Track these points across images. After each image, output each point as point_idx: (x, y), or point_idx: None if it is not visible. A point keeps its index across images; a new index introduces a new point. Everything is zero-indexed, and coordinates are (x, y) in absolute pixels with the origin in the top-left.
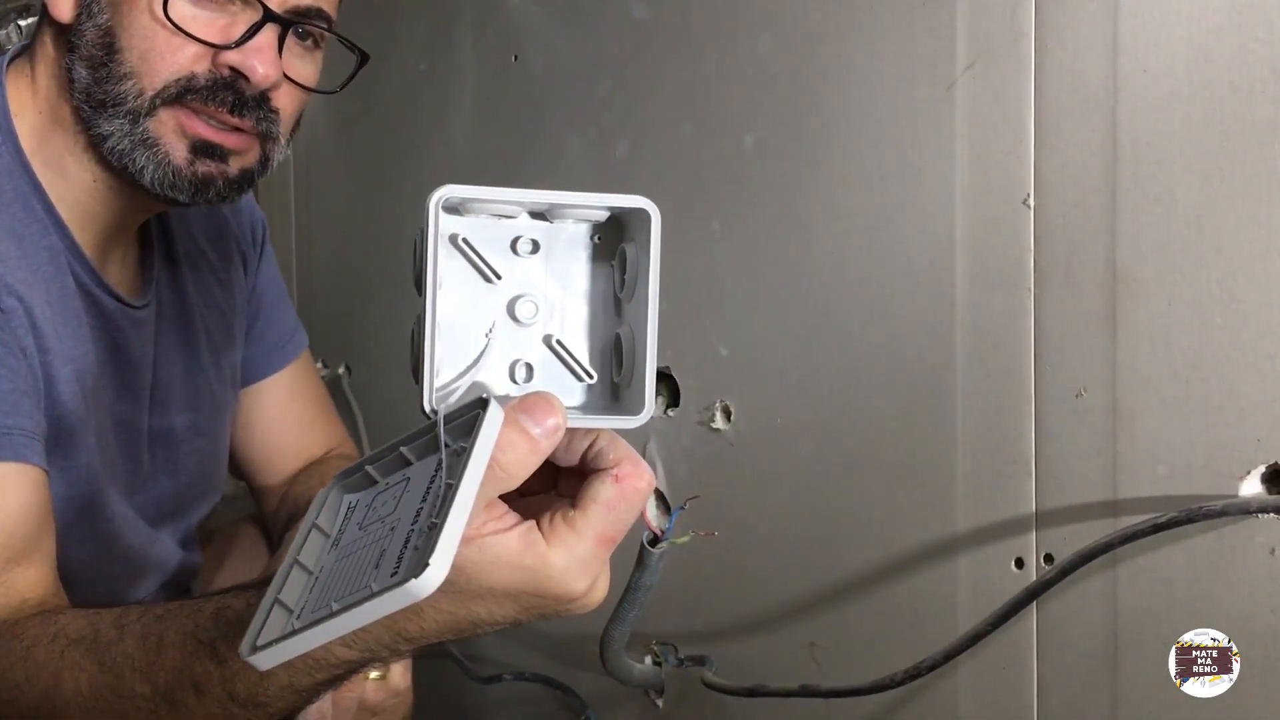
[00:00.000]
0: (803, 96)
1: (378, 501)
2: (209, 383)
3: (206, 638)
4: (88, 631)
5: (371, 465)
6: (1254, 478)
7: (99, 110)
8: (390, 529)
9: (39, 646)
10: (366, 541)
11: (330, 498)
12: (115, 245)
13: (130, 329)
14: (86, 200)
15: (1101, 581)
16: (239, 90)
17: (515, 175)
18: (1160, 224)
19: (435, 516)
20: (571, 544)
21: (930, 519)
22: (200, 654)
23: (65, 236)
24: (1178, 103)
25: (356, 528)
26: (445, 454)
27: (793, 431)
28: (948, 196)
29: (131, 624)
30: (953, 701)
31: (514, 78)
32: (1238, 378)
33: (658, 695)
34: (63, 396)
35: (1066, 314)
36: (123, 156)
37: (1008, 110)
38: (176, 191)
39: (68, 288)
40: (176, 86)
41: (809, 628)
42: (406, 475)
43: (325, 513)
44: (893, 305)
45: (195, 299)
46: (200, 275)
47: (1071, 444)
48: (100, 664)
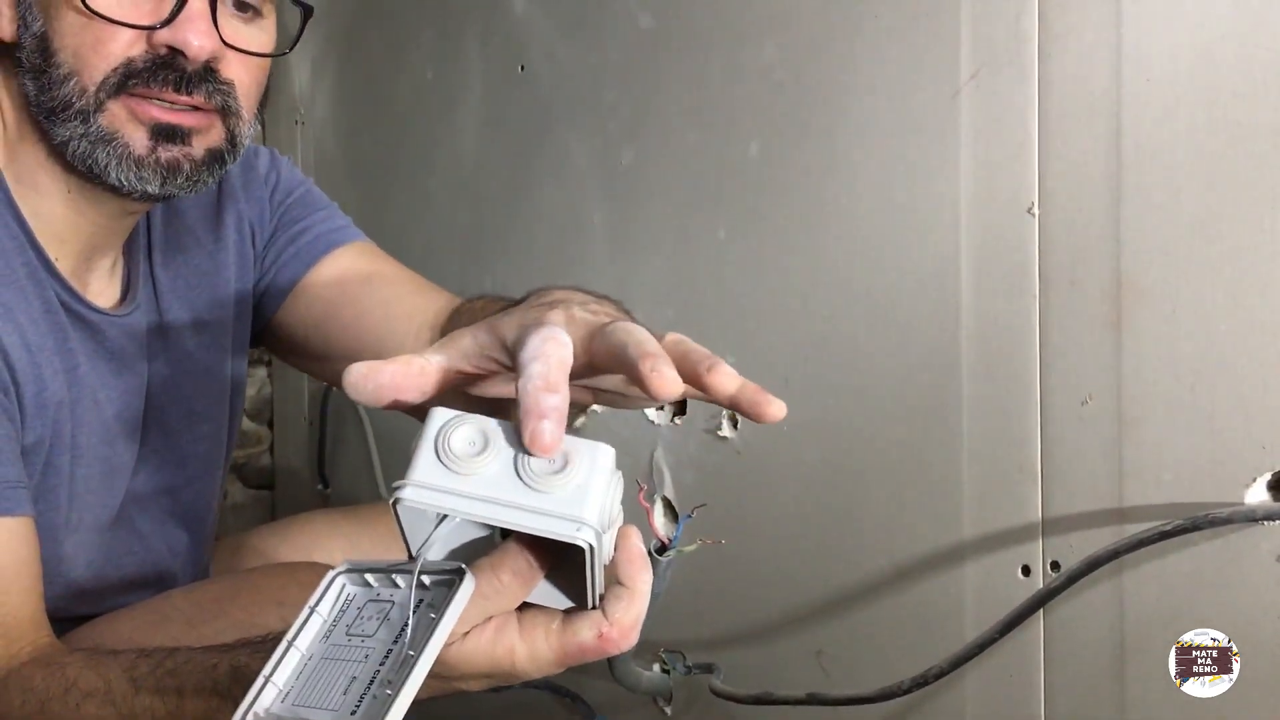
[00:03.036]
0: (807, 104)
1: (366, 611)
2: (204, 366)
3: (226, 692)
4: (99, 685)
5: (371, 574)
6: (1259, 485)
7: (52, 118)
8: (365, 656)
9: (53, 700)
10: (346, 655)
11: (335, 582)
12: (100, 255)
13: (120, 336)
14: (64, 213)
15: (1108, 589)
16: (180, 67)
17: (521, 182)
18: (1165, 231)
19: (392, 679)
20: (539, 653)
21: (936, 526)
22: (224, 707)
23: (40, 254)
24: (1182, 110)
25: (344, 631)
26: (413, 618)
27: (799, 439)
28: (953, 204)
29: (144, 677)
30: (960, 709)
31: (520, 86)
32: (1243, 385)
33: (666, 703)
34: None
35: (1072, 321)
36: (85, 159)
37: (1012, 118)
38: (145, 183)
39: (50, 303)
40: (116, 76)
41: (816, 635)
42: (392, 598)
43: (327, 598)
44: (898, 313)
45: (173, 285)
46: (184, 258)
47: (1077, 451)
48: (120, 715)
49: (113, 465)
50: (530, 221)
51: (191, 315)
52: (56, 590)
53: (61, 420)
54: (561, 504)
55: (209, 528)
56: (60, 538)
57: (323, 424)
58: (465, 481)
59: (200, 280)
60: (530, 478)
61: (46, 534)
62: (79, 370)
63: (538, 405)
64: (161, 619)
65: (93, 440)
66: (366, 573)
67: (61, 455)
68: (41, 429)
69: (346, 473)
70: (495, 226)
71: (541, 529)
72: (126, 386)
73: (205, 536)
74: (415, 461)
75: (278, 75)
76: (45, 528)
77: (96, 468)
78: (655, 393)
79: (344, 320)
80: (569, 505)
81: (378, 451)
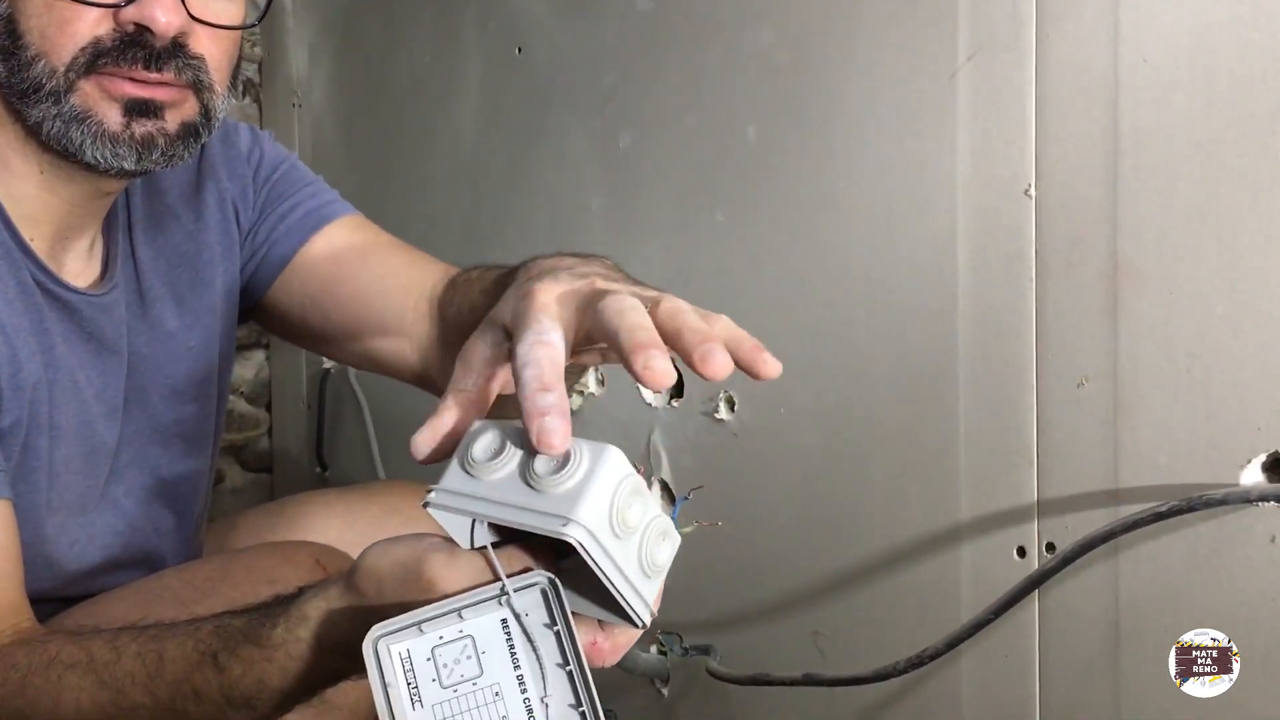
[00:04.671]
0: (805, 88)
1: (445, 658)
2: (185, 346)
3: (208, 649)
4: (81, 656)
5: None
6: (1254, 466)
7: (24, 100)
8: (495, 695)
9: (35, 673)
10: (469, 705)
11: (380, 650)
12: (77, 235)
13: (99, 316)
14: (37, 194)
15: (1103, 570)
16: (148, 44)
17: (520, 165)
18: (1161, 214)
19: (569, 699)
20: None
21: (933, 508)
22: (202, 665)
23: (14, 234)
24: (1179, 93)
25: (439, 687)
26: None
27: (796, 422)
28: (949, 187)
29: (127, 645)
30: (955, 689)
31: (518, 69)
32: (1238, 367)
33: (663, 684)
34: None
35: (1068, 304)
36: (60, 139)
37: (1009, 101)
38: (121, 159)
39: (25, 284)
40: (85, 55)
41: (812, 617)
42: (466, 633)
43: (388, 668)
44: (895, 296)
45: (153, 264)
46: (164, 237)
47: (1073, 433)
48: (100, 682)
49: (93, 446)
50: (528, 204)
51: (173, 295)
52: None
53: (39, 401)
54: (555, 502)
55: (198, 508)
56: (41, 519)
57: (321, 407)
58: (479, 485)
59: (181, 260)
60: (534, 479)
61: (27, 515)
62: (56, 351)
63: (536, 405)
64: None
65: (72, 421)
66: (417, 625)
67: (40, 437)
68: (18, 411)
69: (345, 456)
70: (493, 209)
71: (533, 525)
72: (106, 367)
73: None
74: (447, 469)
75: (274, 58)
76: (25, 509)
77: (77, 448)
78: (650, 388)
79: (341, 296)
80: (562, 503)
81: (376, 435)
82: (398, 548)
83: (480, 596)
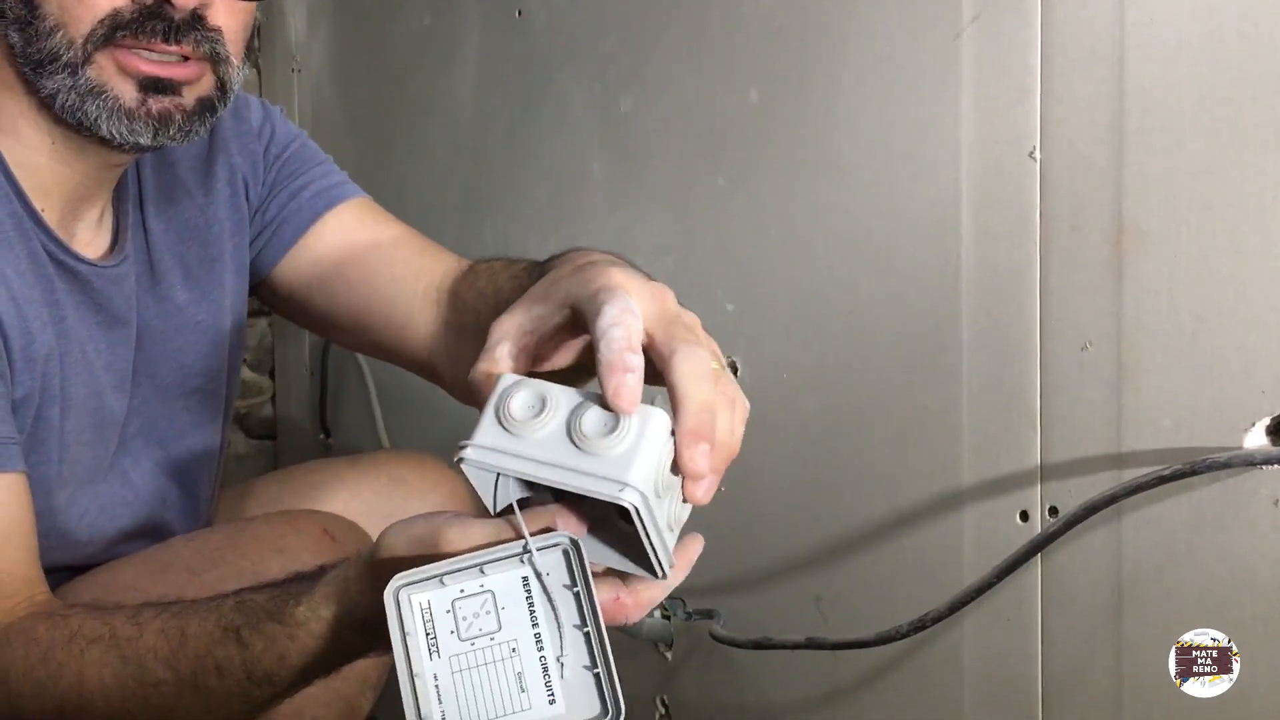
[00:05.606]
0: (807, 50)
1: (464, 610)
2: (194, 320)
3: (230, 625)
4: (104, 631)
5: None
6: (1258, 430)
7: (39, 70)
8: (512, 651)
9: (57, 648)
10: (487, 659)
11: (401, 599)
12: (88, 206)
13: (109, 287)
14: (47, 164)
15: (1106, 534)
16: (167, 16)
17: (520, 130)
18: (1167, 176)
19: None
20: None
21: (935, 472)
22: (225, 640)
23: (25, 204)
24: (1185, 53)
25: (456, 639)
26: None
27: (799, 386)
28: (953, 149)
29: (149, 621)
30: (957, 653)
31: (518, 32)
32: (1243, 330)
33: (667, 648)
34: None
35: (1072, 267)
36: (75, 112)
37: (1014, 62)
38: (136, 135)
39: (36, 254)
40: (103, 27)
41: (815, 581)
42: (487, 588)
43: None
44: (898, 259)
45: (164, 237)
46: (175, 210)
47: (1076, 397)
48: (123, 658)
49: (103, 417)
50: (529, 169)
51: (182, 268)
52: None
53: (50, 373)
54: (609, 465)
55: (206, 481)
56: (52, 489)
57: (324, 374)
58: (520, 443)
59: (191, 233)
60: (581, 440)
61: (38, 486)
62: (66, 322)
63: (622, 360)
64: (163, 567)
65: (82, 392)
66: (439, 577)
67: (51, 407)
68: (30, 382)
69: (348, 422)
70: (494, 173)
71: (588, 489)
72: (114, 338)
73: (202, 489)
74: (479, 424)
75: (272, 23)
76: (37, 480)
77: (87, 420)
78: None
79: (350, 279)
80: (616, 467)
81: (379, 401)
82: (414, 525)
83: (503, 553)
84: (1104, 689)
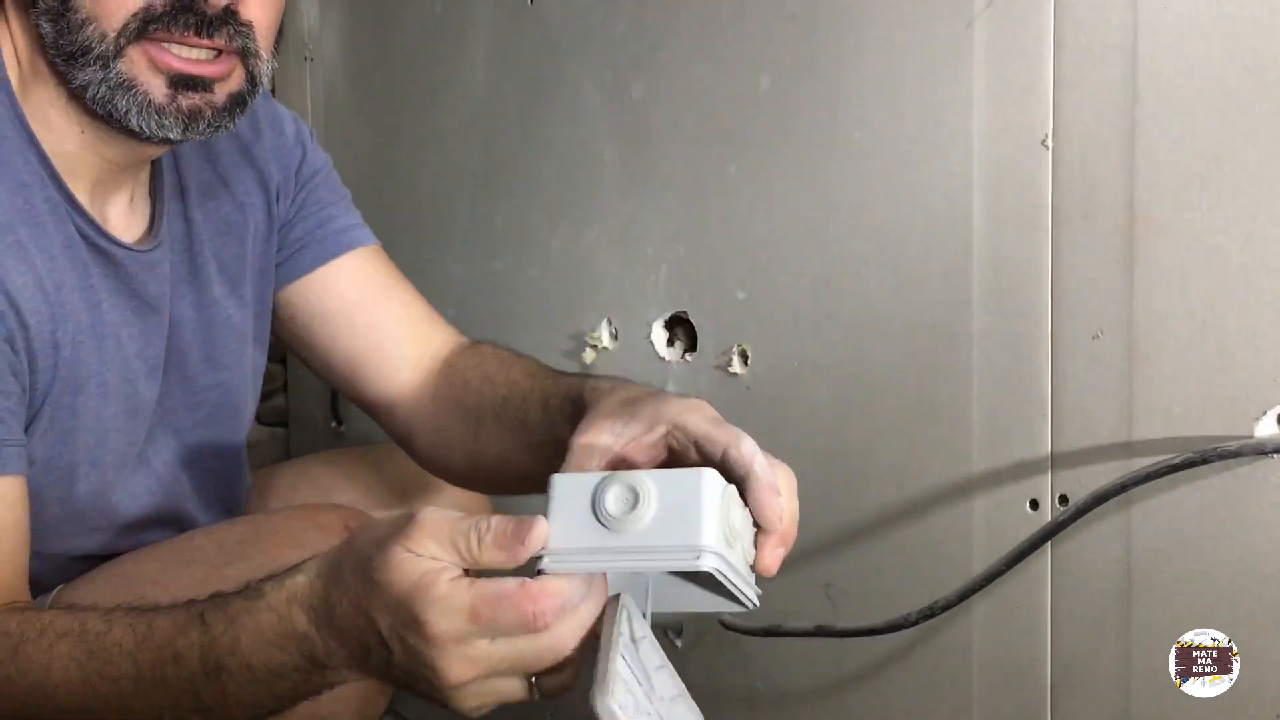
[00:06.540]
0: (819, 36)
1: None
2: (225, 314)
3: (196, 610)
4: (74, 626)
5: None
6: (1269, 418)
7: (71, 62)
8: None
9: (28, 642)
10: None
11: (624, 604)
12: (118, 190)
13: (143, 272)
14: (76, 151)
15: (1116, 522)
16: (200, 11)
17: (531, 117)
18: (1179, 164)
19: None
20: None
21: (946, 460)
22: (189, 627)
23: (61, 188)
24: (1199, 39)
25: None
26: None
27: (810, 375)
28: (965, 137)
29: (120, 617)
30: (967, 642)
31: (529, 20)
32: (1255, 318)
33: (676, 635)
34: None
35: (1084, 255)
36: (105, 104)
37: (1027, 49)
38: (166, 130)
39: (71, 238)
40: (136, 21)
41: (825, 569)
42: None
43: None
44: (910, 247)
45: (204, 229)
46: (215, 204)
47: (1088, 385)
48: (89, 652)
49: (135, 404)
50: (540, 156)
51: (218, 263)
52: (72, 529)
53: (82, 358)
54: (667, 535)
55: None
56: (78, 475)
57: None
58: (610, 537)
59: (229, 229)
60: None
61: (65, 473)
62: (101, 307)
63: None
64: (185, 561)
65: (115, 378)
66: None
67: (81, 393)
68: (60, 368)
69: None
70: (505, 160)
71: (665, 566)
72: (147, 325)
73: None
74: (551, 530)
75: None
76: (63, 466)
77: (120, 406)
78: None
79: (356, 325)
80: (676, 533)
81: None
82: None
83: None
84: (1113, 677)
